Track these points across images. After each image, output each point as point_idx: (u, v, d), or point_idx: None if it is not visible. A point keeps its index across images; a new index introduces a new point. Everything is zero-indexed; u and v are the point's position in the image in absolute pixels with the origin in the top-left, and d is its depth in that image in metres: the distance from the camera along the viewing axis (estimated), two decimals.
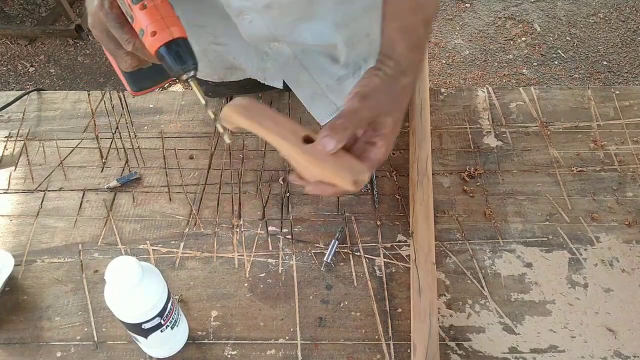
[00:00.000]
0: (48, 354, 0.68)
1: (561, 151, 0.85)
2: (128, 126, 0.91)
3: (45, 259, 0.76)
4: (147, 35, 0.54)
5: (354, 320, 0.70)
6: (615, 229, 0.77)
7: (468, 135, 0.88)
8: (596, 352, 0.66)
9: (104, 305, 0.70)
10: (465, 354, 0.67)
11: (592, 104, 0.91)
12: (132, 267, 0.56)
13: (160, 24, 0.53)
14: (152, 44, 0.54)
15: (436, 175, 0.83)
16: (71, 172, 0.85)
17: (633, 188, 0.81)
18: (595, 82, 2.28)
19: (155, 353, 0.67)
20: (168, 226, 0.79)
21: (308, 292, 0.72)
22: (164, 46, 0.53)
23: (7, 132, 0.90)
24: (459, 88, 0.93)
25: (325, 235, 0.77)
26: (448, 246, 0.76)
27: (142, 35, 0.54)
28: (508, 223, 0.78)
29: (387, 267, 0.74)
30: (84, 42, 2.54)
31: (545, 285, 0.72)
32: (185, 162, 0.86)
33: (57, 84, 2.41)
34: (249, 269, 0.74)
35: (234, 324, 0.70)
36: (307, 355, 0.67)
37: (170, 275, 0.74)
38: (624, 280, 0.72)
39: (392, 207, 0.80)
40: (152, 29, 0.53)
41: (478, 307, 0.70)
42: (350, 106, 0.55)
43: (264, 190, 0.82)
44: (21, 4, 2.73)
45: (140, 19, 0.54)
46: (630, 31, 2.47)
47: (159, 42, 0.53)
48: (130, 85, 0.68)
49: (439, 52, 2.43)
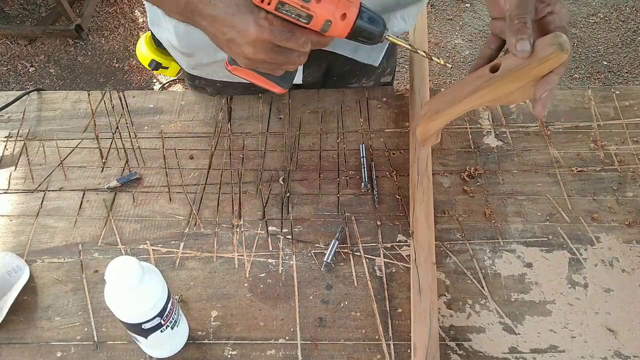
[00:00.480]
0: (48, 354, 0.68)
1: (561, 151, 0.85)
2: (128, 126, 0.91)
3: (45, 259, 0.76)
4: (337, 22, 0.54)
5: (354, 321, 0.70)
6: (616, 229, 0.77)
7: (468, 135, 0.88)
8: (596, 352, 0.66)
9: (104, 305, 0.70)
10: (465, 354, 0.67)
11: (592, 104, 0.91)
12: (132, 267, 0.55)
13: (342, 4, 0.54)
14: (347, 25, 0.55)
15: (436, 175, 0.83)
16: (71, 172, 0.85)
17: (633, 188, 0.81)
18: (595, 82, 2.28)
19: (155, 353, 0.67)
20: (168, 226, 0.79)
21: (308, 292, 0.72)
22: (358, 19, 0.55)
23: (7, 132, 0.90)
24: None
25: (325, 235, 0.77)
26: (448, 246, 0.76)
27: (330, 25, 0.55)
28: (508, 223, 0.78)
29: (387, 267, 0.74)
30: (84, 42, 2.54)
31: (545, 285, 0.72)
32: (186, 162, 0.86)
33: (57, 84, 2.41)
34: (249, 269, 0.74)
35: (234, 324, 0.70)
36: (307, 356, 0.67)
37: (170, 275, 0.74)
38: (624, 280, 0.72)
39: (392, 207, 0.80)
40: (340, 13, 0.54)
41: (478, 307, 0.70)
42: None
43: (264, 190, 0.82)
44: (21, 4, 2.73)
45: (322, 11, 0.54)
46: (630, 31, 2.47)
47: (352, 19, 0.55)
48: (282, 84, 0.68)
49: (439, 52, 2.43)
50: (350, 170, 0.84)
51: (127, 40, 2.56)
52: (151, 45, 0.95)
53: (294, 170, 0.84)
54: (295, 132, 0.89)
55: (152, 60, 0.94)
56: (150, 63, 0.95)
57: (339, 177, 0.83)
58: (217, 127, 0.90)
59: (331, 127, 0.90)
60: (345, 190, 0.82)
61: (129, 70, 2.45)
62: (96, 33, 2.60)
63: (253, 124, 0.90)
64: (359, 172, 0.84)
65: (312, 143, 0.88)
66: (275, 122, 0.90)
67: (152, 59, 0.94)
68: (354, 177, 0.83)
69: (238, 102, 0.93)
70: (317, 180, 0.83)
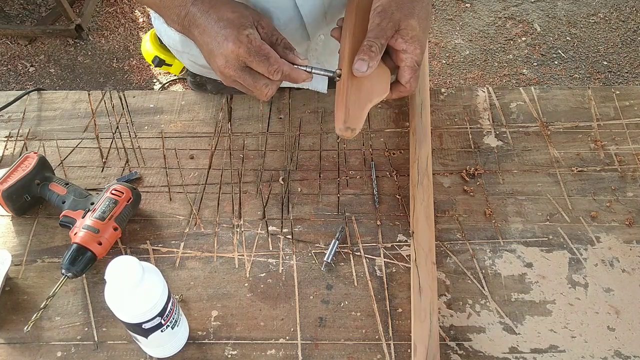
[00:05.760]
0: (48, 354, 0.68)
1: (561, 151, 0.85)
2: (128, 126, 0.91)
3: (45, 258, 0.76)
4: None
5: (355, 320, 0.70)
6: (616, 229, 0.77)
7: (468, 135, 0.88)
8: (596, 352, 0.66)
9: (104, 305, 0.70)
10: (465, 354, 0.67)
11: (592, 104, 0.91)
12: (132, 267, 0.55)
13: None
14: None
15: (436, 175, 0.83)
16: (71, 172, 0.85)
17: (633, 188, 0.81)
18: (595, 82, 2.28)
19: (156, 353, 0.67)
20: (168, 226, 0.79)
21: (308, 292, 0.72)
22: None
23: (7, 132, 0.90)
24: (459, 88, 0.93)
25: (325, 235, 0.77)
26: (448, 246, 0.76)
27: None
28: (508, 223, 0.78)
29: (387, 267, 0.74)
30: (84, 42, 2.54)
31: (545, 285, 0.72)
32: (186, 162, 0.86)
33: (57, 83, 2.41)
34: (249, 269, 0.74)
35: (234, 323, 0.70)
36: (307, 355, 0.67)
37: (170, 275, 0.74)
38: (624, 280, 0.72)
39: (392, 207, 0.80)
40: None
41: (478, 307, 0.70)
42: (371, 24, 0.60)
43: (264, 190, 0.82)
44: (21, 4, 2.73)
45: None
46: (630, 31, 2.47)
47: None
48: None
49: (439, 52, 2.43)
50: (351, 170, 0.84)
51: (127, 40, 2.56)
52: (156, 42, 0.95)
53: (294, 170, 0.84)
54: (295, 132, 0.89)
55: (156, 57, 0.95)
56: (153, 59, 0.95)
57: (339, 177, 0.83)
58: (217, 127, 0.90)
59: (331, 127, 0.90)
60: (346, 190, 0.82)
61: (129, 70, 2.45)
62: (96, 33, 2.60)
63: (253, 123, 0.90)
64: (359, 172, 0.84)
65: (312, 143, 0.88)
66: (275, 122, 0.90)
67: (155, 55, 0.95)
68: (354, 177, 0.83)
69: (238, 101, 0.93)
70: (317, 180, 0.83)
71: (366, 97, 0.63)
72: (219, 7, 0.60)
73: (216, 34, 0.58)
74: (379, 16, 0.60)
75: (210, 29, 0.59)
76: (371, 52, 0.59)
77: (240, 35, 0.57)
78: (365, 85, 0.63)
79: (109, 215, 0.73)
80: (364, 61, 0.59)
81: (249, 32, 0.58)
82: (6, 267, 0.71)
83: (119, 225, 0.74)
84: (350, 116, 0.61)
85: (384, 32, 0.60)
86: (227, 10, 0.59)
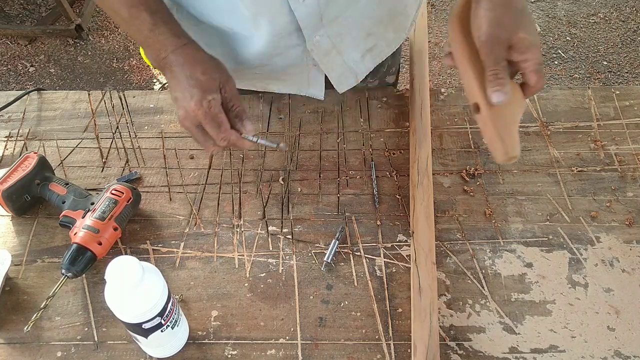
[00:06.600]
0: (48, 354, 0.68)
1: (561, 151, 0.85)
2: (128, 126, 0.91)
3: (45, 258, 0.76)
4: None
5: (355, 320, 0.70)
6: (616, 229, 0.77)
7: (468, 135, 0.88)
8: (596, 352, 0.66)
9: (104, 305, 0.70)
10: (465, 353, 0.67)
11: (592, 104, 0.91)
12: (132, 267, 0.56)
13: None
14: None
15: (436, 175, 0.83)
16: (71, 172, 0.85)
17: (633, 188, 0.81)
18: (595, 82, 2.28)
19: (156, 353, 0.67)
20: (168, 226, 0.79)
21: (308, 292, 0.72)
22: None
23: (7, 132, 0.90)
24: (459, 88, 0.93)
25: (325, 235, 0.77)
26: (448, 246, 0.76)
27: None
28: (508, 223, 0.78)
29: (387, 267, 0.74)
30: (84, 42, 2.54)
31: (545, 285, 0.72)
32: (186, 162, 0.86)
33: (57, 83, 2.41)
34: (249, 269, 0.74)
35: (234, 323, 0.70)
36: (307, 355, 0.67)
37: (170, 275, 0.74)
38: (624, 280, 0.72)
39: (392, 207, 0.80)
40: None
41: (478, 307, 0.70)
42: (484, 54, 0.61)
43: (264, 190, 0.82)
44: (21, 4, 2.73)
45: None
46: (630, 31, 2.47)
47: None
48: None
49: (439, 52, 2.43)
50: (351, 170, 0.84)
51: (127, 40, 2.56)
52: None
53: (294, 170, 0.84)
54: (295, 132, 0.89)
55: None
56: None
57: (339, 177, 0.83)
58: None
59: (331, 127, 0.90)
60: (346, 190, 0.82)
61: (129, 70, 2.45)
62: (96, 33, 2.60)
63: (253, 123, 0.90)
64: (359, 172, 0.84)
65: (312, 143, 0.88)
66: (275, 122, 0.90)
67: None
68: (354, 177, 0.83)
69: None
70: (317, 180, 0.83)
71: (511, 120, 0.63)
72: (193, 65, 0.65)
73: (184, 88, 0.64)
74: (486, 45, 0.61)
75: (181, 81, 0.65)
76: (499, 80, 0.60)
77: (203, 100, 0.63)
78: (506, 109, 0.63)
79: (109, 215, 0.73)
80: (500, 91, 0.60)
81: (212, 98, 0.63)
82: (6, 267, 0.72)
83: (119, 225, 0.74)
84: (507, 145, 0.61)
85: (501, 55, 0.60)
86: (198, 70, 0.64)
